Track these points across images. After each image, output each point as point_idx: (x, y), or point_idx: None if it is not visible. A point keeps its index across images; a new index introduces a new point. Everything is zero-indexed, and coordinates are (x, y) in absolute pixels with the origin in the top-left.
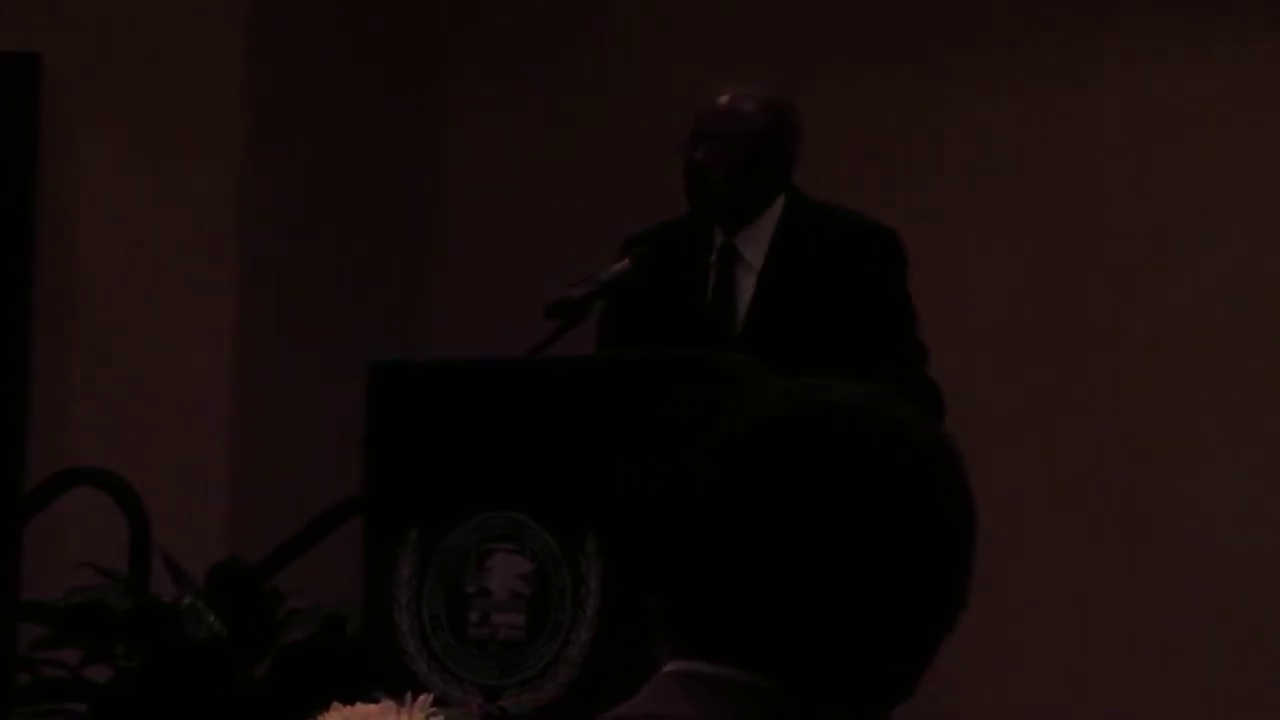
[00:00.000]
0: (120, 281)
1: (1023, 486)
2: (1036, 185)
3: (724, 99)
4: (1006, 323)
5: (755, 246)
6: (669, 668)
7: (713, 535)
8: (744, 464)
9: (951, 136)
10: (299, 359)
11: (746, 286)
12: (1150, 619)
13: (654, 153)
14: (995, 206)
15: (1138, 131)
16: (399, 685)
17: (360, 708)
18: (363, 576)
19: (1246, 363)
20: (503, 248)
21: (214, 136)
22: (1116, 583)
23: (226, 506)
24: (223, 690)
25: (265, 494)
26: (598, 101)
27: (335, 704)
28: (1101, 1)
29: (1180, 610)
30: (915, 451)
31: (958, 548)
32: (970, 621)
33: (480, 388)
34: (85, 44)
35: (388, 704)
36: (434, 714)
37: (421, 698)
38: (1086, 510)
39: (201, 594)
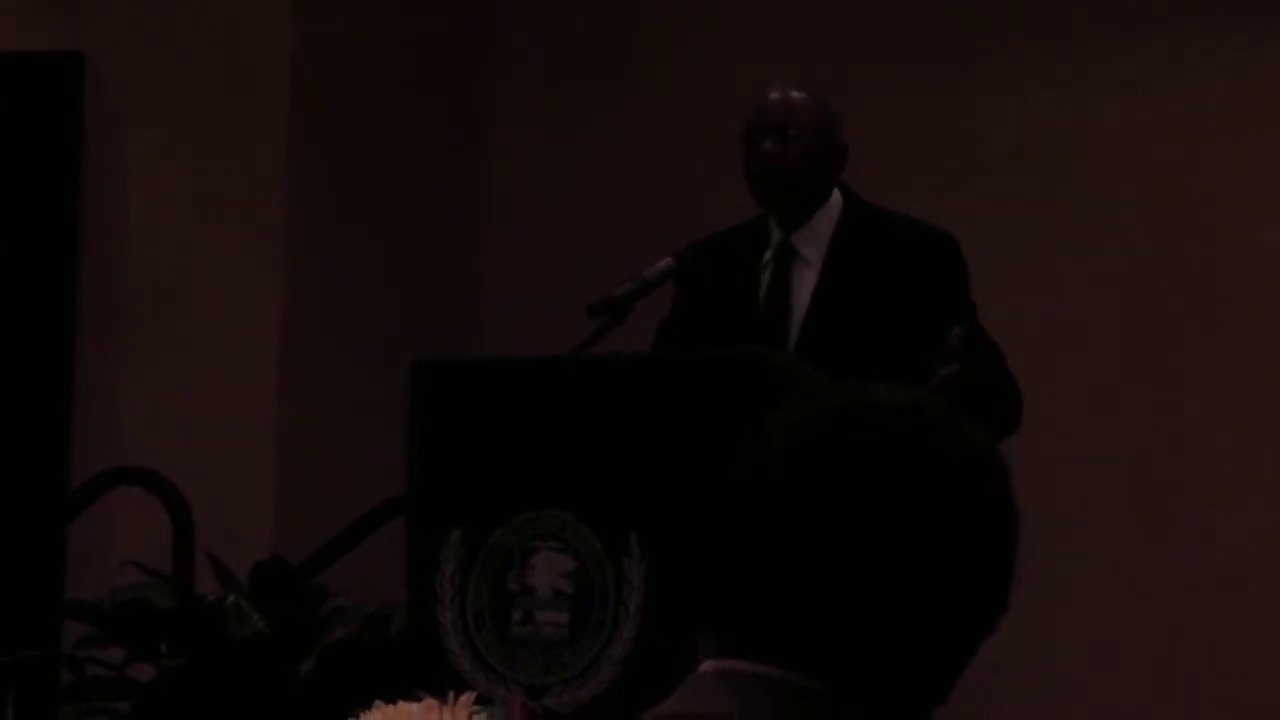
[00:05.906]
0: (165, 279)
1: (1065, 488)
2: (1078, 187)
3: (779, 95)
4: (1045, 325)
5: (813, 246)
6: (710, 665)
7: (755, 535)
8: (787, 465)
9: (990, 139)
10: (344, 357)
11: (804, 284)
12: (1193, 622)
13: (698, 151)
14: (1035, 209)
15: (1181, 132)
16: (442, 684)
17: (404, 706)
18: (406, 575)
19: None
20: (549, 245)
21: (259, 135)
22: (1160, 587)
23: (271, 505)
24: (267, 688)
25: (310, 492)
26: (643, 100)
27: (379, 702)
28: (1144, 3)
29: (1224, 614)
30: (959, 455)
31: (999, 551)
32: (1010, 623)
33: (524, 386)
34: (129, 43)
35: (431, 702)
36: (477, 712)
37: (464, 696)
38: (1129, 514)
39: (245, 592)
